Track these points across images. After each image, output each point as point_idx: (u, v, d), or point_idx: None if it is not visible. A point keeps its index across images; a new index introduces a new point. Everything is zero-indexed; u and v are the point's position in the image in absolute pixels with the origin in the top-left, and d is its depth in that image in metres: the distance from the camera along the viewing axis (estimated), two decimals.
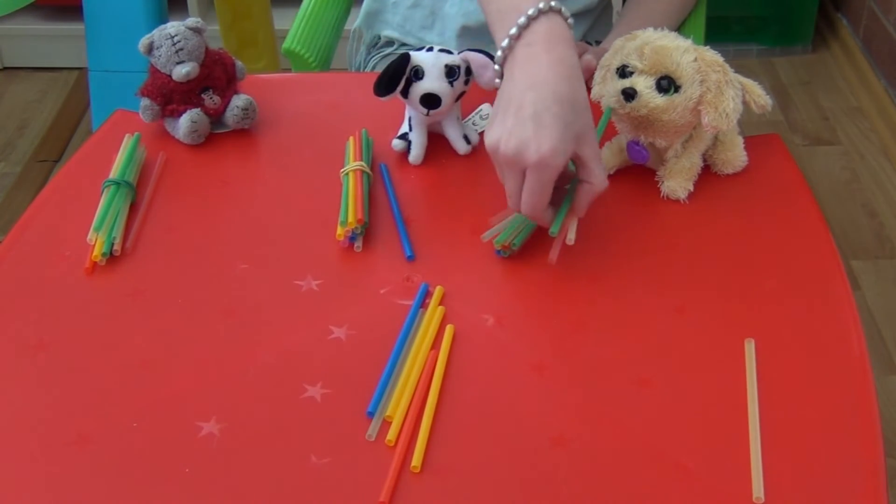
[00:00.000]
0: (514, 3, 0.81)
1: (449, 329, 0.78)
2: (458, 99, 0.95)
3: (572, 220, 0.83)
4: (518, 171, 0.78)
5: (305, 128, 1.02)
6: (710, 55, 0.87)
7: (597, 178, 0.81)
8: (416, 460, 0.68)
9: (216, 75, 0.99)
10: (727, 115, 0.85)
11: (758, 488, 0.66)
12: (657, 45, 0.86)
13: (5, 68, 2.58)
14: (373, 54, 1.32)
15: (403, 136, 0.97)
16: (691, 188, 0.91)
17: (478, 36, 1.20)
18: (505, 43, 0.81)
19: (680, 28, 1.20)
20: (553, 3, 0.81)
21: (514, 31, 0.80)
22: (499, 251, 0.85)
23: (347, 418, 0.71)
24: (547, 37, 0.80)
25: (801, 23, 2.56)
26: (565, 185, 0.83)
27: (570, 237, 0.82)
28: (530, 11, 0.80)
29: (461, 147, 0.97)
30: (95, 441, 0.70)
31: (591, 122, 0.80)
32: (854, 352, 0.76)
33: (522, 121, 0.77)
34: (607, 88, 0.88)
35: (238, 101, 0.99)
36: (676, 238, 0.88)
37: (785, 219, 0.89)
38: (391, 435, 0.70)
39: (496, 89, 0.94)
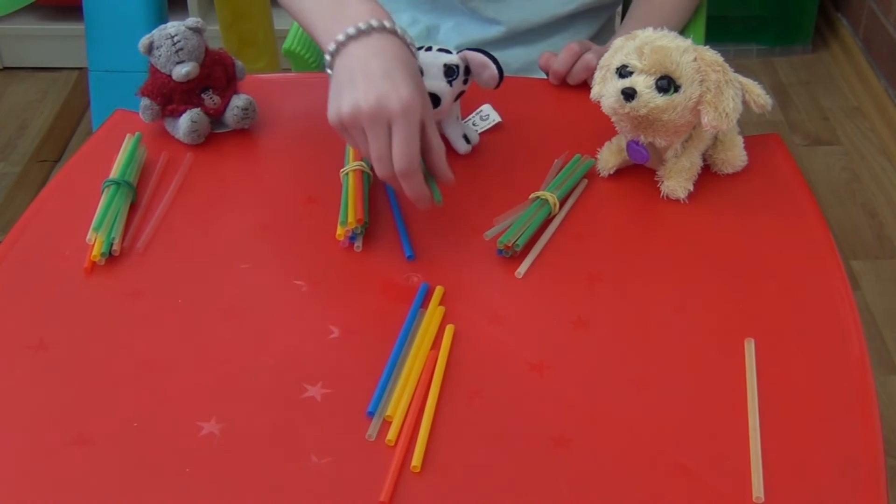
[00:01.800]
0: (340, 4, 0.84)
1: (449, 329, 0.78)
2: (457, 98, 0.95)
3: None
4: (384, 127, 0.79)
5: (305, 128, 1.02)
6: (710, 55, 0.87)
7: (434, 136, 0.83)
8: (416, 460, 0.68)
9: (216, 75, 0.99)
10: (727, 114, 0.85)
11: (758, 488, 0.66)
12: (657, 44, 0.86)
13: (5, 68, 2.58)
14: None
15: None
16: (691, 188, 0.91)
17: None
18: (333, 47, 0.83)
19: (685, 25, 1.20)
20: (386, 23, 0.82)
21: (341, 37, 0.82)
22: (500, 251, 0.85)
23: (347, 418, 0.71)
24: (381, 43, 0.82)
25: (801, 23, 2.56)
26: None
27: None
28: (361, 25, 0.81)
29: (461, 147, 0.97)
30: (95, 441, 0.70)
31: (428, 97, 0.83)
32: (854, 352, 0.76)
33: (374, 80, 0.78)
34: (607, 88, 0.88)
35: (238, 101, 0.99)
36: (676, 238, 0.88)
37: (785, 219, 0.89)
38: (391, 435, 0.70)
39: (496, 88, 0.94)
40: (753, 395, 0.72)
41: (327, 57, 0.84)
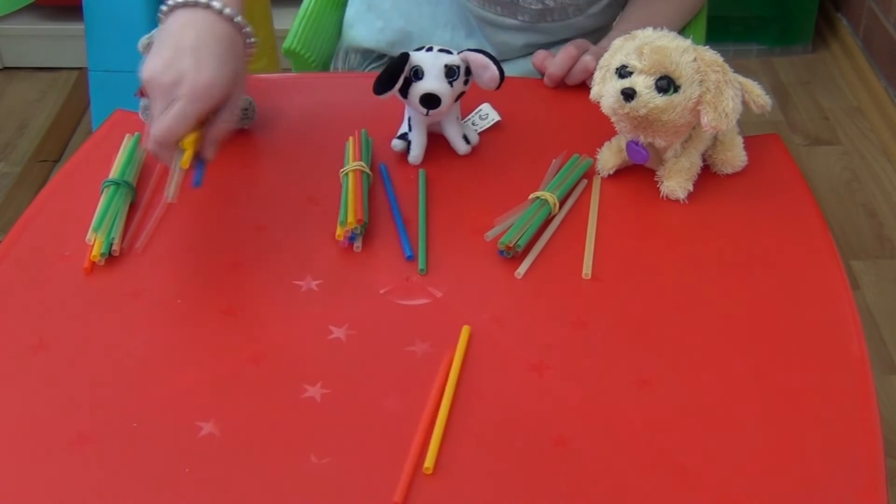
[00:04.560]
0: None
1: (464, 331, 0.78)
2: (457, 99, 0.95)
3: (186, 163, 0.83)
4: (170, 100, 0.80)
5: (305, 128, 1.02)
6: (710, 55, 0.87)
7: (228, 116, 0.85)
8: (429, 462, 0.68)
9: None
10: (726, 115, 0.85)
11: None
12: (656, 44, 0.86)
13: (5, 68, 2.58)
14: (366, 64, 1.31)
15: (403, 136, 0.97)
16: (691, 188, 0.91)
17: None
18: (166, 7, 0.85)
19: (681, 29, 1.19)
20: (216, 4, 0.83)
21: (171, 2, 0.84)
22: (502, 251, 0.85)
23: (347, 418, 0.71)
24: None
25: (801, 23, 2.56)
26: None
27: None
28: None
29: (461, 147, 0.97)
30: (95, 441, 0.70)
31: (245, 69, 0.86)
32: (854, 352, 0.76)
33: (181, 52, 0.80)
34: (606, 88, 0.88)
35: None
36: (676, 238, 0.88)
37: (785, 219, 0.89)
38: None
39: (496, 89, 0.94)
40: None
41: (163, 8, 0.86)
